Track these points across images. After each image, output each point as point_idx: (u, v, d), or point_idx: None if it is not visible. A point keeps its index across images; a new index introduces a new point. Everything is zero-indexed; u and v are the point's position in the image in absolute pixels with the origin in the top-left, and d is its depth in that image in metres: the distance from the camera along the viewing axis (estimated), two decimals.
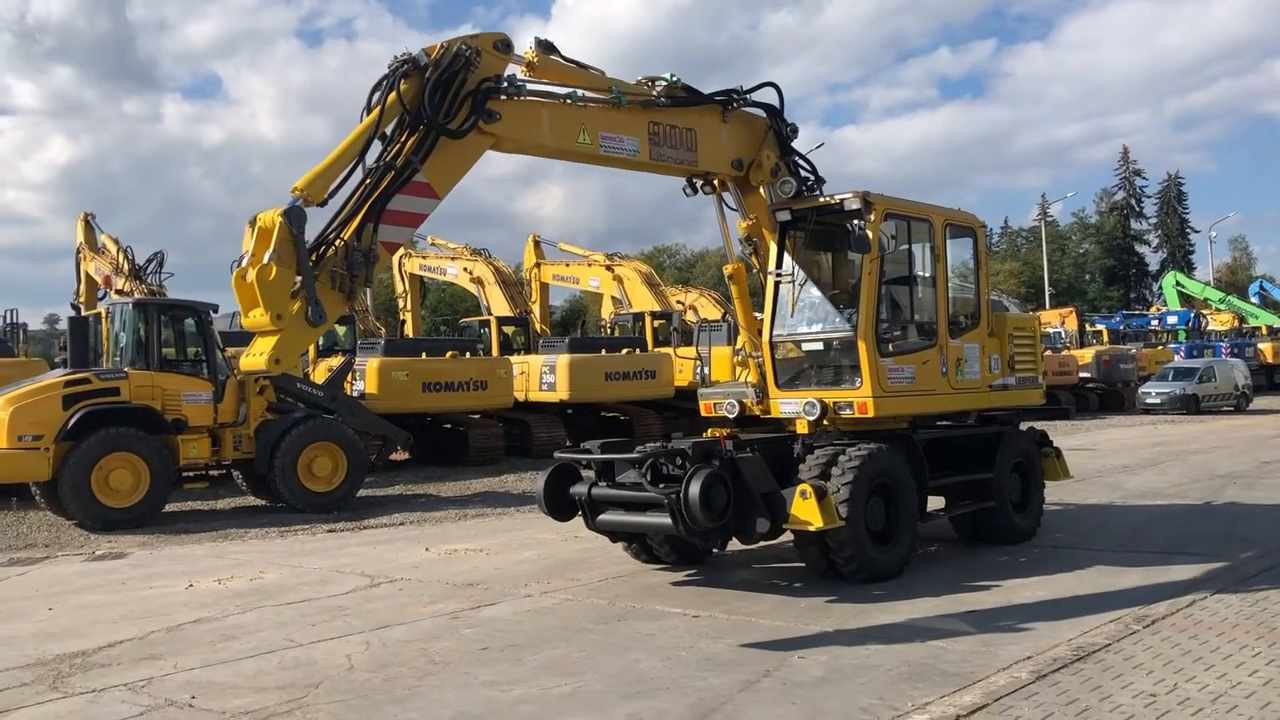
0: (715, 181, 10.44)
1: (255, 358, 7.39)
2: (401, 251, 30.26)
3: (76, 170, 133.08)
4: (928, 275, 10.61)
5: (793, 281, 10.43)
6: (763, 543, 9.89)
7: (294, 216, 7.30)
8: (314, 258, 7.57)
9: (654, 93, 9.56)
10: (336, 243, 7.74)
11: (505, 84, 8.48)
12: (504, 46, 8.61)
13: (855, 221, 9.94)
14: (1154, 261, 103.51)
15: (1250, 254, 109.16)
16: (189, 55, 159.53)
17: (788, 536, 9.68)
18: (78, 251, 25.99)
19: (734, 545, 10.03)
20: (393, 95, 7.99)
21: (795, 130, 10.57)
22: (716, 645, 7.69)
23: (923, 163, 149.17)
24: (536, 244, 33.62)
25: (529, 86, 8.73)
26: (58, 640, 8.45)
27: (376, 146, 8.08)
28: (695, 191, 10.48)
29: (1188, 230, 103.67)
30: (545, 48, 9.00)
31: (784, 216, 10.27)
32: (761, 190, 10.43)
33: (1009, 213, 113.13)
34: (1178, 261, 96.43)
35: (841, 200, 9.95)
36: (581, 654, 7.56)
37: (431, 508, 16.40)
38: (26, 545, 13.78)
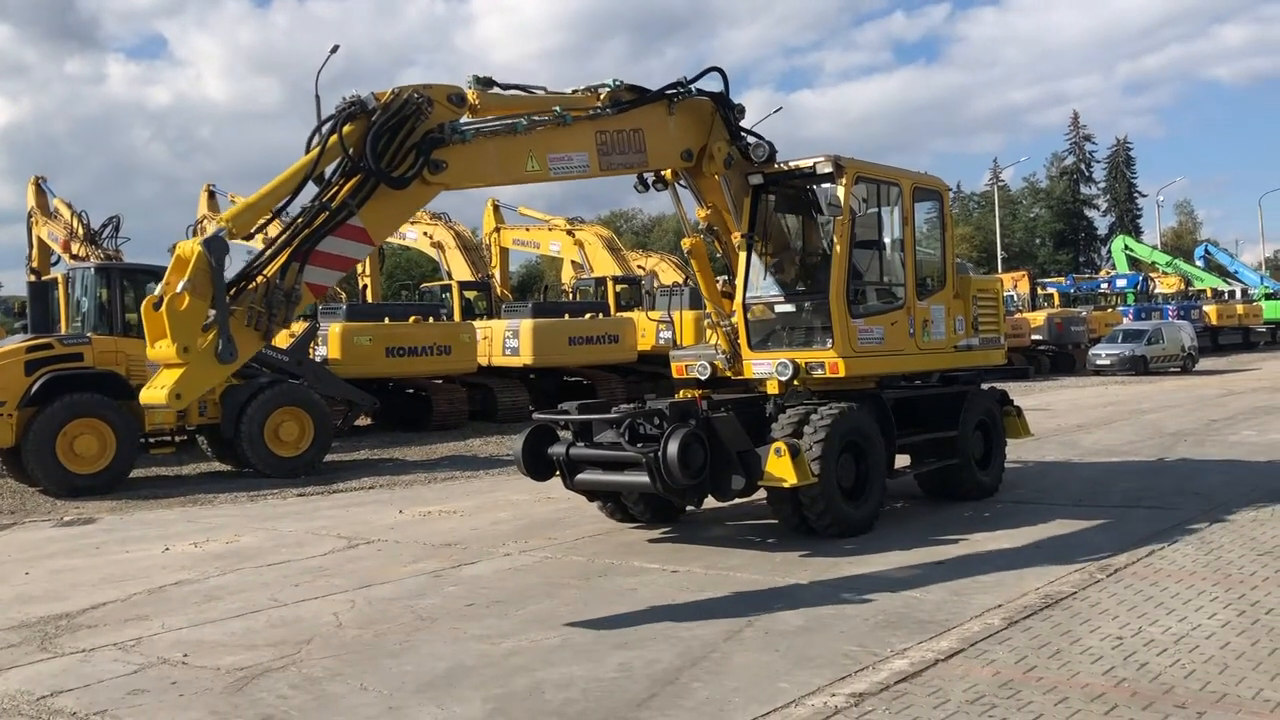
0: (667, 173, 10.33)
1: (155, 391, 6.88)
2: None
3: (16, 132, 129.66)
4: (896, 238, 10.81)
5: (764, 244, 10.59)
6: (737, 500, 10.08)
7: (214, 247, 6.83)
8: (233, 292, 7.15)
9: (598, 104, 9.27)
10: (258, 279, 7.34)
11: (449, 131, 8.04)
12: (458, 100, 8.24)
13: (827, 185, 10.11)
14: (1103, 226, 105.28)
15: (1196, 218, 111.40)
16: (132, 14, 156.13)
17: (760, 494, 9.89)
18: (29, 216, 25.58)
19: (708, 503, 10.24)
20: (334, 137, 7.58)
21: (743, 111, 10.40)
22: (697, 598, 7.90)
23: (878, 126, 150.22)
24: (496, 209, 33.47)
25: (473, 130, 8.27)
26: (40, 603, 8.48)
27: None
28: (647, 188, 10.39)
29: (1135, 195, 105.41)
30: (484, 83, 8.64)
31: (756, 180, 10.40)
32: (716, 179, 10.28)
33: (962, 177, 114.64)
34: (1126, 225, 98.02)
35: (814, 164, 10.10)
36: (566, 608, 7.73)
37: (399, 471, 16.48)
38: None
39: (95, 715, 5.81)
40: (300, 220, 7.56)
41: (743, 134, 10.39)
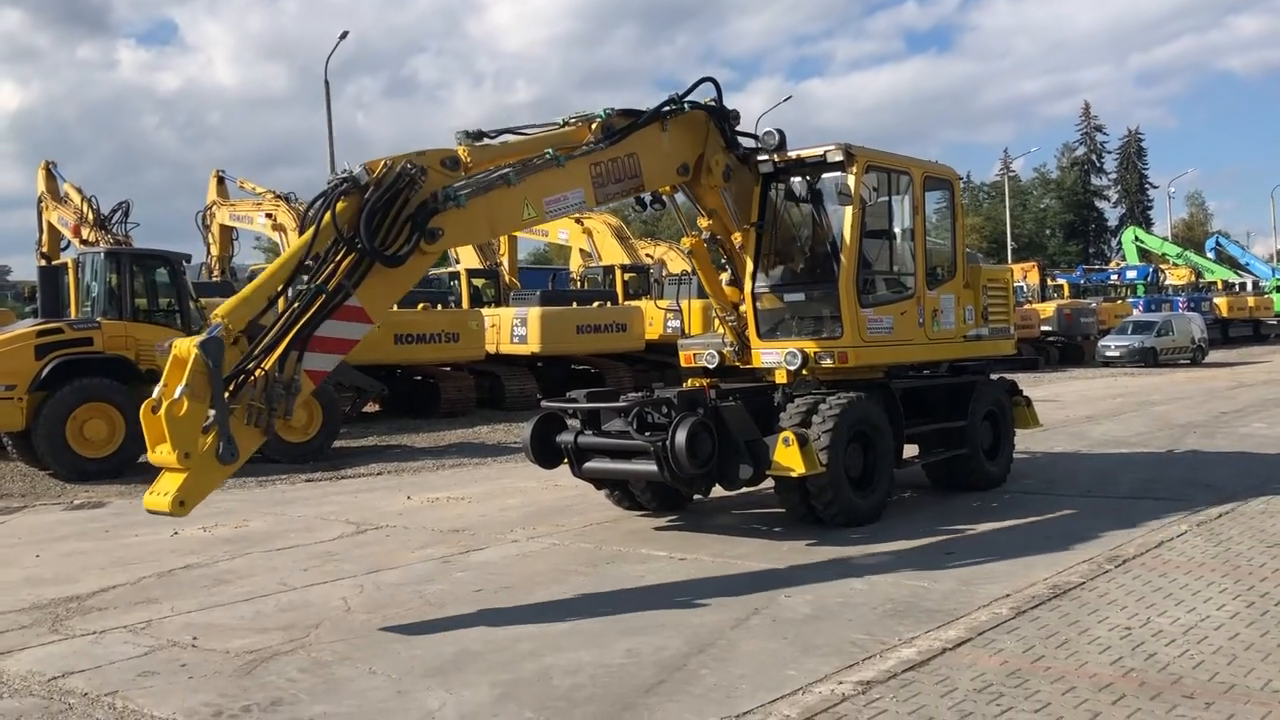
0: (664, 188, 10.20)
1: (159, 498, 6.84)
2: None
3: (26, 118, 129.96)
4: (907, 227, 10.79)
5: (774, 233, 10.57)
6: (744, 489, 10.10)
7: (211, 349, 6.74)
8: (231, 388, 7.00)
9: (590, 139, 9.02)
10: (256, 373, 7.14)
11: (443, 199, 7.82)
12: (451, 163, 8.05)
13: (837, 173, 10.07)
14: (1113, 217, 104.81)
15: (1207, 210, 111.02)
16: None
17: (767, 483, 9.89)
18: (39, 201, 25.58)
19: (715, 492, 10.25)
20: (327, 216, 7.42)
21: (738, 117, 10.24)
22: (705, 586, 7.92)
23: (888, 116, 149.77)
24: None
25: (467, 193, 8.02)
26: (50, 585, 8.53)
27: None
28: (645, 207, 10.29)
29: (1147, 186, 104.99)
30: (474, 137, 8.45)
31: (767, 168, 10.36)
32: (718, 192, 10.15)
33: (972, 167, 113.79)
34: (1136, 217, 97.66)
35: (824, 152, 10.06)
36: (574, 595, 7.76)
37: (407, 458, 16.50)
38: (2, 495, 13.75)
39: (106, 696, 5.84)
40: (296, 305, 7.37)
41: (739, 139, 10.24)
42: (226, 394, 6.92)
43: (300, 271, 7.52)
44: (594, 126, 9.12)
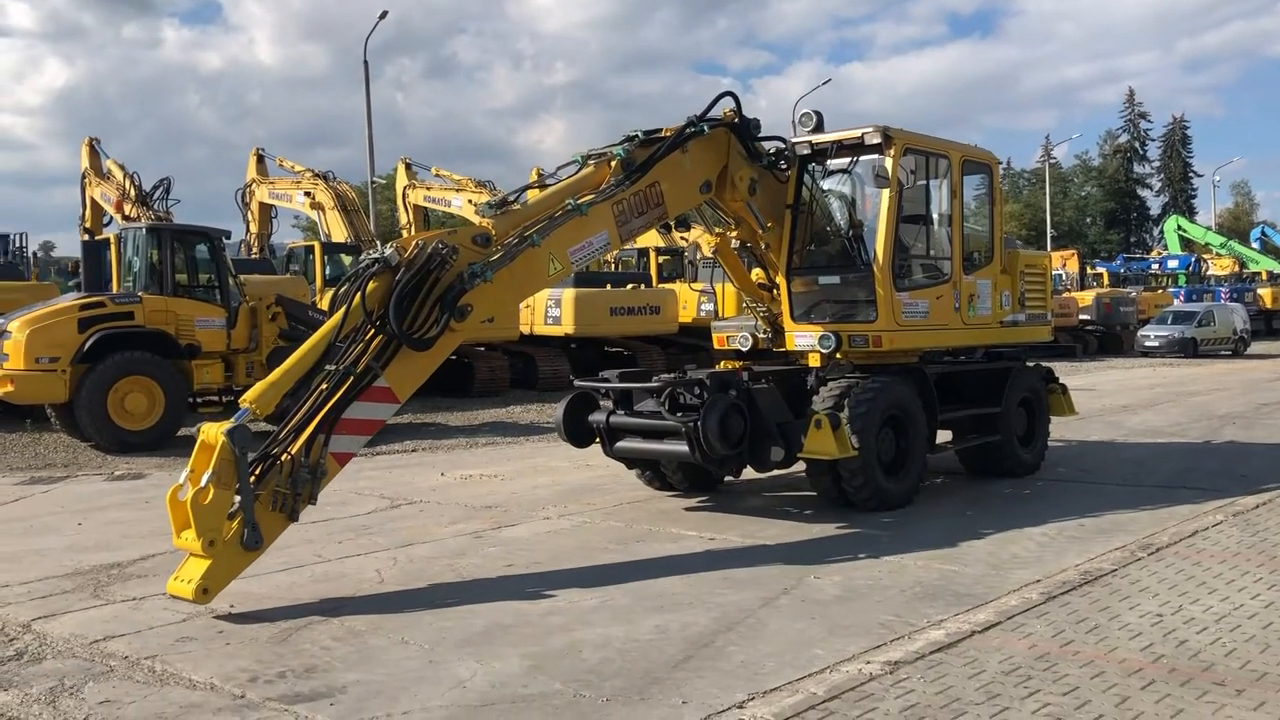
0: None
1: (182, 585, 6.77)
2: (405, 183, 30.26)
3: (72, 95, 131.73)
4: (944, 211, 10.71)
5: (809, 216, 10.54)
6: (776, 471, 10.11)
7: (238, 437, 6.77)
8: (257, 471, 7.04)
9: (611, 179, 8.94)
10: (283, 458, 7.17)
11: (470, 278, 7.79)
12: (483, 240, 8.00)
13: (875, 156, 10.02)
14: (1155, 205, 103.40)
15: (1253, 199, 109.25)
16: None
17: (798, 466, 9.89)
18: (83, 177, 25.94)
19: (746, 474, 10.26)
20: (358, 299, 7.46)
21: (758, 125, 10.05)
22: (733, 565, 7.94)
23: (928, 101, 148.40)
24: (540, 177, 33.38)
25: (494, 268, 7.96)
26: (91, 553, 8.71)
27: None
28: (670, 230, 10.21)
29: (1190, 174, 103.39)
30: (497, 206, 8.47)
31: (804, 150, 10.33)
32: (743, 204, 10.03)
33: (1013, 154, 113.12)
34: (1179, 206, 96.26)
35: (862, 134, 10.00)
36: (604, 571, 7.83)
37: (441, 436, 16.64)
38: (46, 465, 14.03)
39: (146, 660, 5.97)
40: (325, 387, 7.40)
41: (761, 147, 10.08)
42: (252, 478, 6.97)
43: (331, 352, 7.52)
44: (613, 165, 9.03)
